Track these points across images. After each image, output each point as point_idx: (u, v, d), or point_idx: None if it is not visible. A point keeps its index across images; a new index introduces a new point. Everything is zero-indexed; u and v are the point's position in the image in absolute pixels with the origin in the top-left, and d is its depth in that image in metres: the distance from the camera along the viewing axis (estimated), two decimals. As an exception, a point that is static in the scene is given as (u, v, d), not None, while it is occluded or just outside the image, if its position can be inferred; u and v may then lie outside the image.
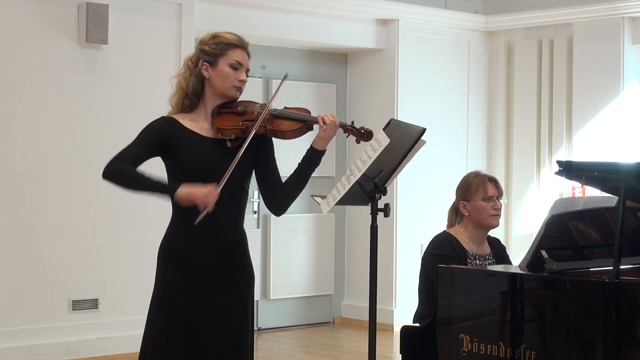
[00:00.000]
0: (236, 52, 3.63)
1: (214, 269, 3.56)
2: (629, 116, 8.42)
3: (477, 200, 4.54)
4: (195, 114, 3.65)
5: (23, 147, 6.82)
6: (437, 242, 4.56)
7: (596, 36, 8.50)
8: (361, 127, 3.70)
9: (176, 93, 3.68)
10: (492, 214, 4.54)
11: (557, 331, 3.69)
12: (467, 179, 4.66)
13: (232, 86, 3.62)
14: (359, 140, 3.72)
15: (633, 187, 3.61)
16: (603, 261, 3.89)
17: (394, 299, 8.54)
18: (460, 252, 4.49)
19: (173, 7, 7.39)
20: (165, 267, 3.60)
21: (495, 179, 4.68)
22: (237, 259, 3.62)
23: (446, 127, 8.93)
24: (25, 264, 6.80)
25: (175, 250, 3.55)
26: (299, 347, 8.04)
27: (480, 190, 4.55)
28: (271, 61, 8.36)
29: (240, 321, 3.61)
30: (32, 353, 6.76)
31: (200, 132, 3.60)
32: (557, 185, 8.56)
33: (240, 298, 3.61)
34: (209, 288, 3.55)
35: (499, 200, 4.59)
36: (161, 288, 3.60)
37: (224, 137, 3.58)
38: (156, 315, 3.58)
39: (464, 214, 4.58)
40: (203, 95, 3.64)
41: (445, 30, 8.97)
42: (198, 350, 3.53)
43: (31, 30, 6.81)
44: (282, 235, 8.47)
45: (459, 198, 4.61)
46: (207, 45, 3.64)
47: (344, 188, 4.00)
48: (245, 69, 3.66)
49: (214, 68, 3.61)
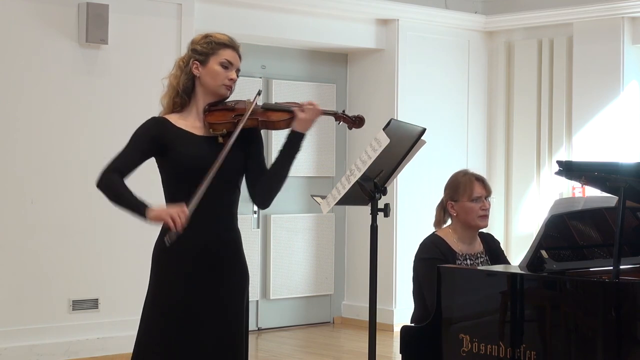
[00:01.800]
0: (227, 51, 3.65)
1: (207, 269, 3.55)
2: (629, 116, 8.42)
3: (465, 201, 4.48)
4: (186, 112, 3.65)
5: (23, 147, 6.82)
6: (424, 246, 4.51)
7: (596, 36, 8.49)
8: (353, 114, 3.74)
9: (167, 93, 3.69)
10: (480, 214, 4.48)
11: (557, 331, 3.69)
12: (454, 178, 4.60)
13: (222, 84, 3.63)
14: (351, 127, 3.74)
15: (633, 187, 3.61)
16: (603, 261, 3.88)
17: (394, 299, 8.54)
18: (448, 254, 4.43)
19: (173, 7, 7.39)
20: (160, 267, 3.60)
21: (483, 177, 4.61)
22: (231, 258, 3.62)
23: (446, 127, 8.93)
24: (25, 264, 6.80)
25: (169, 251, 3.54)
26: (299, 347, 8.04)
27: (468, 190, 4.49)
28: (271, 61, 8.36)
29: (236, 320, 3.60)
30: (32, 353, 6.76)
31: (191, 131, 3.61)
32: (557, 185, 8.56)
33: (234, 297, 3.60)
34: (203, 288, 3.55)
35: (487, 199, 4.54)
36: (155, 289, 3.60)
37: (215, 132, 3.59)
38: (151, 315, 3.58)
39: (452, 214, 4.54)
40: (194, 93, 3.66)
41: (445, 30, 8.97)
42: (193, 350, 3.52)
43: (31, 30, 6.81)
44: (282, 235, 8.47)
45: (447, 198, 4.55)
46: (199, 45, 3.67)
47: (344, 188, 4.01)
48: (236, 68, 3.67)
49: (204, 66, 3.63)
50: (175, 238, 3.43)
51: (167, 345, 3.53)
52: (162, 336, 3.54)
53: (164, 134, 3.57)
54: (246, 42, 6.82)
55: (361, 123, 3.72)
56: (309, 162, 8.62)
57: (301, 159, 8.48)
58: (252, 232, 8.29)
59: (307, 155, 8.58)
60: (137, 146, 3.58)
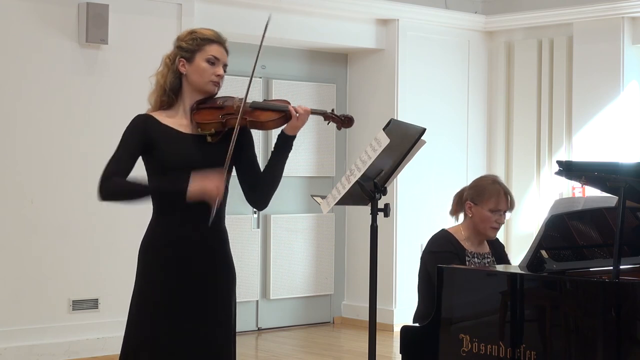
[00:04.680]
0: (213, 47, 3.62)
1: (195, 264, 3.53)
2: (629, 116, 8.42)
3: (485, 210, 4.50)
4: (173, 110, 3.64)
5: (23, 147, 6.82)
6: (436, 240, 4.56)
7: (596, 36, 8.50)
8: (342, 114, 3.70)
9: (155, 91, 3.67)
10: (493, 226, 4.53)
11: (557, 331, 3.69)
12: (483, 182, 4.60)
13: (210, 81, 3.61)
14: (340, 127, 3.70)
15: (633, 187, 3.61)
16: (603, 261, 3.88)
17: (394, 299, 8.54)
18: (459, 249, 4.49)
19: (173, 7, 7.39)
20: (147, 264, 3.58)
21: (511, 193, 4.61)
22: (218, 252, 3.59)
23: (446, 127, 8.93)
24: (25, 264, 6.80)
25: (158, 247, 3.54)
26: (299, 347, 8.04)
27: (493, 200, 4.50)
28: (271, 61, 8.36)
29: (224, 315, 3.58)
30: (32, 353, 6.76)
31: (178, 129, 3.59)
32: (557, 185, 8.56)
33: (223, 292, 3.59)
34: (191, 283, 3.53)
35: (505, 214, 4.56)
36: (142, 286, 3.58)
37: (204, 131, 3.56)
38: (139, 313, 3.56)
39: (468, 214, 4.57)
40: (181, 91, 3.64)
41: (445, 30, 8.97)
42: (182, 346, 3.51)
43: (31, 30, 6.81)
44: (282, 235, 8.47)
45: (468, 197, 4.56)
46: (184, 42, 3.65)
47: (344, 188, 4.01)
48: (223, 64, 3.64)
49: (190, 63, 3.61)
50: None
51: (158, 342, 3.51)
52: (152, 333, 3.52)
53: (150, 132, 3.55)
54: (246, 42, 6.83)
55: (350, 123, 3.68)
56: (309, 162, 8.62)
57: (301, 159, 8.51)
58: (252, 232, 8.29)
59: (307, 155, 8.57)
60: (127, 146, 3.56)
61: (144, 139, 3.55)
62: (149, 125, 3.57)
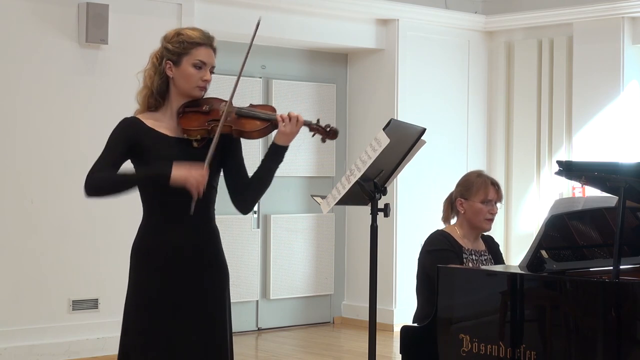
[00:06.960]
0: (200, 50, 3.57)
1: (184, 265, 3.52)
2: (629, 116, 8.42)
3: (476, 202, 4.55)
4: (160, 113, 3.61)
5: (23, 147, 6.82)
6: (432, 239, 4.57)
7: (596, 36, 8.49)
8: (327, 124, 3.62)
9: (142, 90, 3.66)
10: (487, 217, 4.56)
11: (557, 331, 3.69)
12: (469, 177, 4.66)
13: (196, 86, 3.57)
14: (324, 139, 3.63)
15: (633, 187, 3.61)
16: (603, 261, 3.88)
17: (394, 299, 8.54)
18: (456, 247, 4.51)
19: (173, 7, 7.39)
20: (139, 266, 3.56)
21: (498, 183, 4.67)
22: (208, 252, 3.57)
23: (446, 127, 8.93)
24: (25, 264, 6.80)
25: (149, 248, 3.53)
26: (299, 347, 8.04)
27: (482, 192, 4.56)
28: (271, 61, 8.36)
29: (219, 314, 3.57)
30: (32, 353, 6.76)
31: (165, 132, 3.56)
32: (557, 185, 8.56)
33: (215, 292, 3.58)
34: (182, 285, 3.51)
35: (497, 205, 4.60)
36: (136, 289, 3.57)
37: (189, 137, 3.54)
38: (133, 317, 3.56)
39: (460, 211, 4.59)
40: (168, 94, 3.61)
41: (445, 30, 8.97)
42: (178, 347, 3.50)
43: (31, 30, 6.81)
44: (282, 235, 8.47)
45: (458, 195, 4.61)
46: (171, 44, 3.60)
47: (344, 188, 4.00)
48: (210, 67, 3.59)
49: (177, 68, 3.57)
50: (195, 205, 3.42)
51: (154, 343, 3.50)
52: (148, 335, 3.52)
53: (137, 135, 3.54)
54: (246, 42, 6.81)
55: (334, 135, 3.61)
56: (309, 162, 8.62)
57: (301, 159, 8.51)
58: (252, 232, 8.29)
59: (307, 155, 8.57)
60: (113, 149, 3.55)
61: (130, 143, 3.54)
62: (136, 129, 3.56)
